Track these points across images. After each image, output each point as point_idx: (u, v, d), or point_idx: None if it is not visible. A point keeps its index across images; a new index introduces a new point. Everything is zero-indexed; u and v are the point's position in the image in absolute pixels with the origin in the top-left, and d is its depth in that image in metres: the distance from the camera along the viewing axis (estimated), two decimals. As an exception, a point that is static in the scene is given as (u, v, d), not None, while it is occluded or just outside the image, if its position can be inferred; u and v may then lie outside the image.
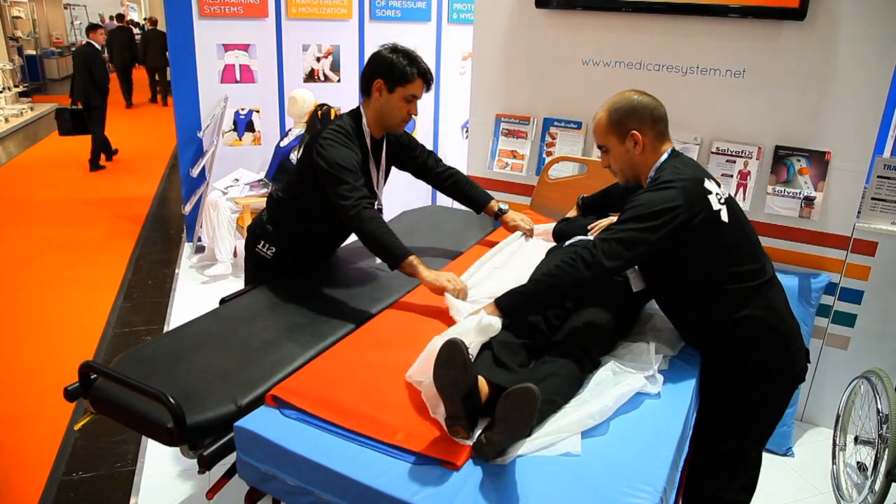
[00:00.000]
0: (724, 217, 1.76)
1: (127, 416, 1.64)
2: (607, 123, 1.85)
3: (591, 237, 2.17)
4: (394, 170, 2.59)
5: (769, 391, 1.91)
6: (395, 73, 2.17)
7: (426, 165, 2.59)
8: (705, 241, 1.74)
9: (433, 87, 2.30)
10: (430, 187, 5.33)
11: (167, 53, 8.23)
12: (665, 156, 1.82)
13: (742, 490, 2.02)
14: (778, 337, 1.83)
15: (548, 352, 1.74)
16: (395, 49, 2.20)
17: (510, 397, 1.35)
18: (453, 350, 1.40)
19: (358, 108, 2.30)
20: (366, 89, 2.24)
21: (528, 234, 2.59)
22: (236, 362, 1.77)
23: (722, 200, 1.78)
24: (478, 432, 1.43)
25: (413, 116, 2.30)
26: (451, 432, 1.43)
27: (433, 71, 4.94)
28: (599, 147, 1.91)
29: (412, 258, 2.05)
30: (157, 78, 9.22)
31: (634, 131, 1.81)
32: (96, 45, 7.34)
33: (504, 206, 2.66)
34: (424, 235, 2.76)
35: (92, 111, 7.28)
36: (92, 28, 7.52)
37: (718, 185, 1.83)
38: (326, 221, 2.28)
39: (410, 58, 2.20)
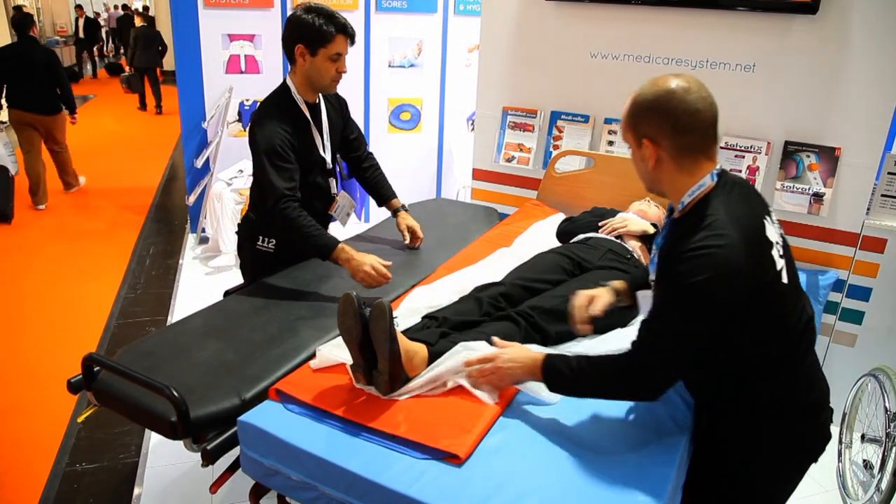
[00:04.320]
0: (784, 278, 1.35)
1: (130, 409, 1.64)
2: (626, 116, 1.36)
3: (602, 235, 2.11)
4: (395, 166, 2.55)
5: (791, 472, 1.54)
6: (315, 34, 2.11)
7: (353, 144, 2.55)
8: (758, 312, 1.31)
9: (355, 43, 2.21)
10: (434, 181, 5.39)
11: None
12: (707, 180, 1.32)
13: None
14: (820, 401, 1.52)
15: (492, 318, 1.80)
16: (309, 9, 2.13)
17: (370, 322, 1.47)
18: (347, 301, 1.51)
19: (283, 81, 2.25)
20: (290, 56, 2.19)
21: (411, 244, 2.56)
22: (240, 356, 1.77)
23: (781, 252, 1.36)
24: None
25: (342, 73, 2.21)
26: (354, 378, 1.56)
27: (439, 63, 5.02)
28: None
29: (342, 246, 2.07)
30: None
31: (646, 139, 1.32)
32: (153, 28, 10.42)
33: (405, 206, 2.62)
34: (430, 228, 2.74)
35: (151, 73, 10.35)
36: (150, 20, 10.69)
37: (775, 222, 1.42)
38: (305, 202, 2.19)
39: (327, 15, 2.12)
